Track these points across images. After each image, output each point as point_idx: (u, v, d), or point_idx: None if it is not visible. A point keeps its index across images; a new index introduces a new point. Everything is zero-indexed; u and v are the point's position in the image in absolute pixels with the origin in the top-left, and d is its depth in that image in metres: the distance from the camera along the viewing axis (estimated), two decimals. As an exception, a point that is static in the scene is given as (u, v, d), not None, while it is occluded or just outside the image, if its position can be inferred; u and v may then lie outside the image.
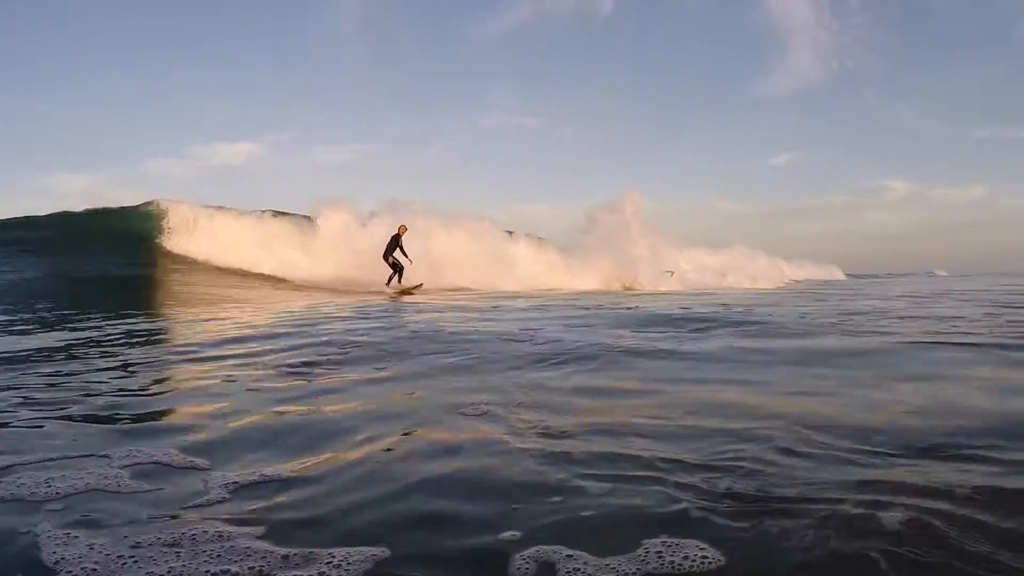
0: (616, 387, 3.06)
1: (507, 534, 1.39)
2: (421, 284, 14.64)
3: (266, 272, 16.09)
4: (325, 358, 3.81)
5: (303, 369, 3.50)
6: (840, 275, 34.93)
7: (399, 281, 14.52)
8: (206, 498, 1.59)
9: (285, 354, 3.95)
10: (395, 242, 14.59)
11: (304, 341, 4.50)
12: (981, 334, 4.83)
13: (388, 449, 2.04)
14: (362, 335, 4.84)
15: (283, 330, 5.27)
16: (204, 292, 11.30)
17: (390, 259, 14.57)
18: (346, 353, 4.00)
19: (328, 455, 1.98)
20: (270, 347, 4.24)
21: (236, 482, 1.71)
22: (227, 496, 1.60)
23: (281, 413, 2.53)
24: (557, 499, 1.58)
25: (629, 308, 8.14)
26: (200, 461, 1.91)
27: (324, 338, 4.62)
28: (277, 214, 19.26)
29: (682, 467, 1.81)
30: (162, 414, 2.57)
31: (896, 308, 7.95)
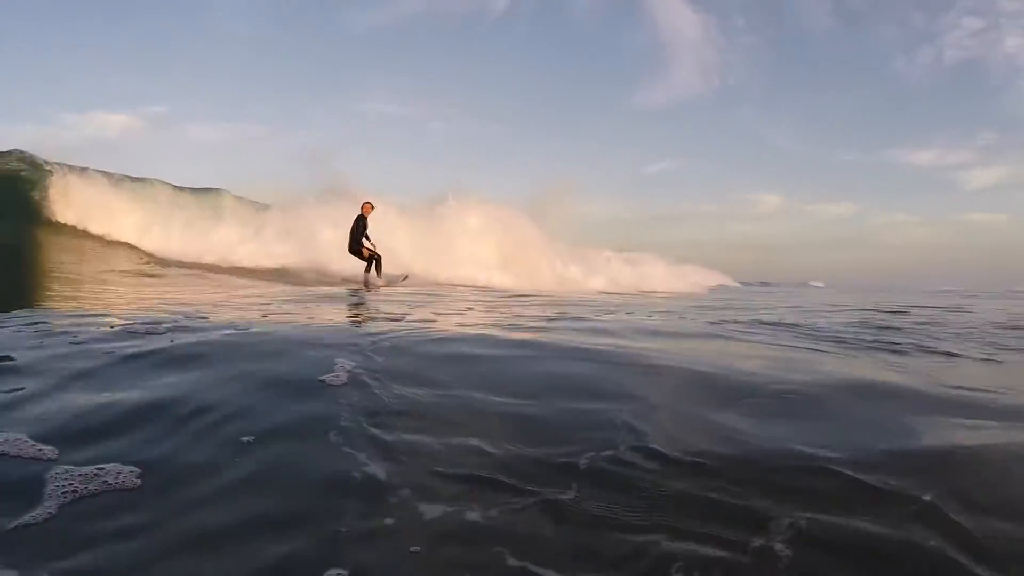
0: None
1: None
2: (407, 276, 12.67)
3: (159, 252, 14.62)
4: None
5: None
6: (733, 282, 35.25)
7: (379, 273, 11.72)
8: (32, 515, 1.47)
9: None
10: (361, 226, 11.58)
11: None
12: None
13: (249, 440, 1.92)
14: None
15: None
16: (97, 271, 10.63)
17: (364, 250, 11.62)
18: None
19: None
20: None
21: (75, 490, 1.59)
22: (54, 512, 1.48)
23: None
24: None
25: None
26: (48, 449, 1.79)
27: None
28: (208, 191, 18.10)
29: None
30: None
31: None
